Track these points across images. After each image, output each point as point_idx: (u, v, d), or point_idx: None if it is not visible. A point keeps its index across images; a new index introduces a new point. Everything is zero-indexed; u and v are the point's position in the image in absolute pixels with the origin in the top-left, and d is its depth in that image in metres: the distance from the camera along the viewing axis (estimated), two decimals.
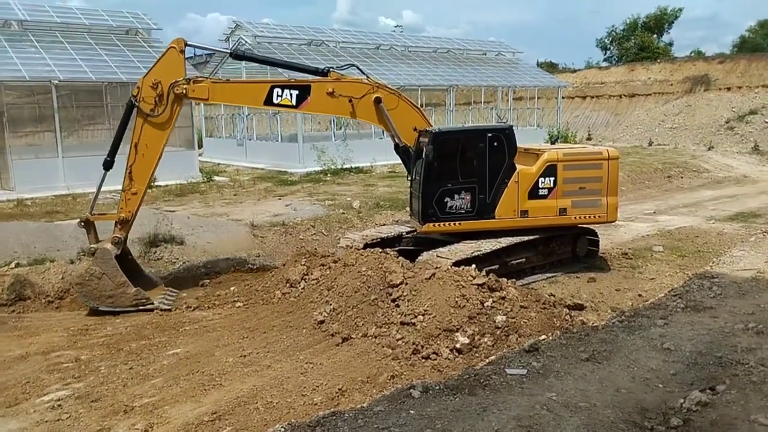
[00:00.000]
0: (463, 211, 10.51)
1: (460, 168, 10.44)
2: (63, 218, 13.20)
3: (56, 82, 18.12)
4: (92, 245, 9.60)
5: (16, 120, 19.12)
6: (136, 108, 9.56)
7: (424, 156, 10.19)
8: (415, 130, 10.58)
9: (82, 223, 9.69)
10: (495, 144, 10.44)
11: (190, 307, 9.62)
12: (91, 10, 22.71)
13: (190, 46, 10.01)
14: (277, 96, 10.00)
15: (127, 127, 9.78)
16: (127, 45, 21.55)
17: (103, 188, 9.95)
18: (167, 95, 9.53)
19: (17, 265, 10.46)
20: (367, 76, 10.56)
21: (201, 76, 10.29)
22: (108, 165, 9.75)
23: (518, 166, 10.68)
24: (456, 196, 10.44)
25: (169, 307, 9.54)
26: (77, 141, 21.80)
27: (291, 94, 10.01)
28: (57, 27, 20.88)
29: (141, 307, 9.37)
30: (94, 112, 22.00)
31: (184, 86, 9.60)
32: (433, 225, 10.49)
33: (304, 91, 10.07)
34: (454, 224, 10.53)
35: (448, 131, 10.86)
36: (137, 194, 9.69)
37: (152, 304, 9.45)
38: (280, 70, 17.06)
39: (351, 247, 10.41)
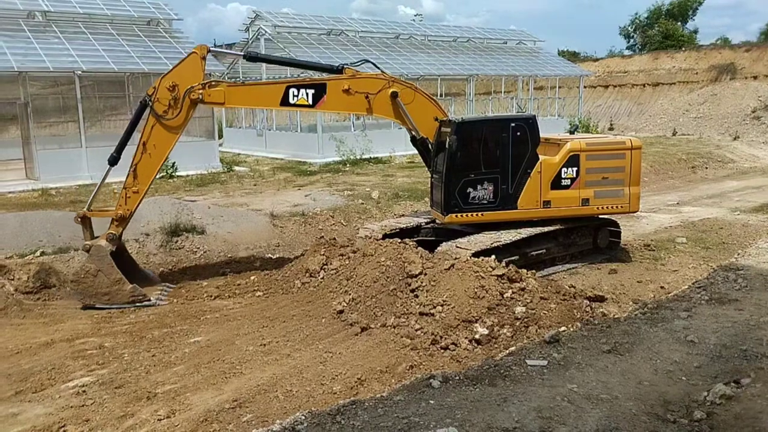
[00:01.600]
0: (485, 202, 10.44)
1: (482, 158, 10.37)
2: None
3: (79, 72, 18.33)
4: (87, 242, 9.43)
5: (41, 110, 19.41)
6: (150, 108, 9.47)
7: (447, 146, 10.13)
8: (436, 120, 10.52)
9: (79, 219, 9.56)
10: (518, 134, 10.35)
11: (211, 296, 9.71)
12: (113, 0, 22.83)
13: (212, 52, 9.95)
14: (293, 96, 9.95)
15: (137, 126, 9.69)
16: (149, 36, 21.70)
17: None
18: (182, 99, 9.48)
19: (42, 253, 10.64)
20: (382, 71, 10.51)
21: (216, 81, 10.15)
22: (113, 161, 9.62)
23: (541, 156, 10.58)
24: (479, 187, 10.37)
25: (166, 303, 9.40)
26: (100, 131, 22.08)
27: (307, 94, 9.97)
28: (80, 18, 21.08)
29: (138, 304, 9.23)
30: (116, 102, 22.25)
31: (200, 92, 9.52)
32: (456, 216, 10.45)
33: (319, 90, 10.01)
34: (477, 215, 10.48)
35: (471, 121, 10.76)
36: (138, 193, 9.60)
37: (149, 300, 9.34)
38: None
39: (370, 238, 10.41)
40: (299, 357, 7.21)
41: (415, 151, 11.10)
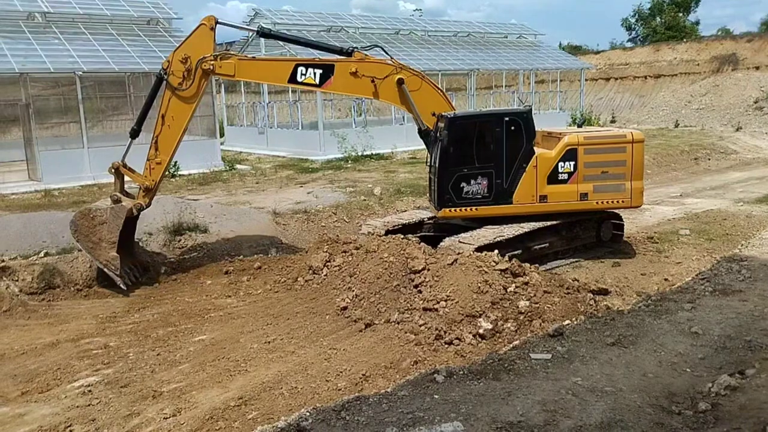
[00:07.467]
0: (479, 197, 10.43)
1: (476, 153, 10.34)
2: None
3: (80, 73, 18.33)
4: (116, 193, 10.02)
5: (42, 111, 19.40)
6: (165, 81, 9.94)
7: (439, 141, 10.13)
8: (434, 114, 10.50)
9: (113, 170, 10.24)
10: (512, 128, 10.31)
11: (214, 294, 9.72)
12: (112, 0, 22.79)
13: (220, 23, 10.23)
14: (301, 75, 10.21)
15: (155, 99, 10.23)
16: (149, 35, 21.69)
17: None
18: (195, 70, 9.87)
19: (46, 254, 10.65)
20: (391, 58, 10.57)
21: (228, 53, 10.61)
22: (134, 133, 10.23)
23: (537, 150, 10.52)
24: (472, 182, 10.37)
25: (123, 286, 9.62)
26: (102, 131, 22.08)
27: (315, 73, 10.20)
28: (80, 18, 21.07)
29: (107, 270, 9.60)
30: (117, 102, 22.24)
31: (212, 62, 9.93)
32: (450, 210, 10.45)
33: (327, 71, 10.23)
34: (471, 209, 10.47)
35: (463, 116, 10.70)
36: (161, 164, 10.07)
37: (117, 277, 9.60)
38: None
39: (373, 234, 10.42)
40: (304, 354, 7.23)
41: (417, 147, 11.17)
